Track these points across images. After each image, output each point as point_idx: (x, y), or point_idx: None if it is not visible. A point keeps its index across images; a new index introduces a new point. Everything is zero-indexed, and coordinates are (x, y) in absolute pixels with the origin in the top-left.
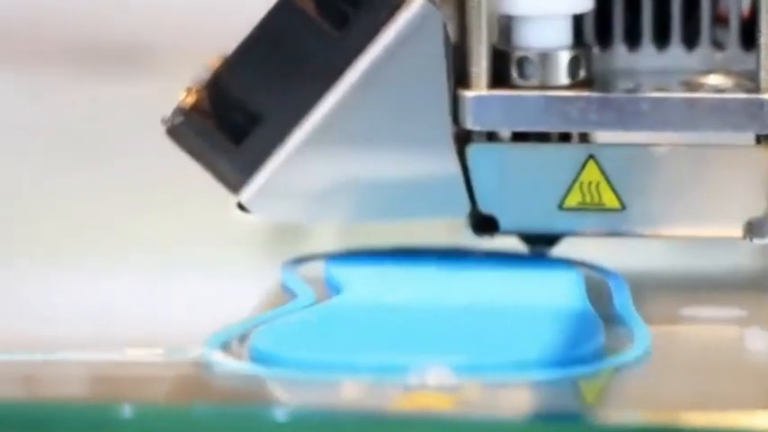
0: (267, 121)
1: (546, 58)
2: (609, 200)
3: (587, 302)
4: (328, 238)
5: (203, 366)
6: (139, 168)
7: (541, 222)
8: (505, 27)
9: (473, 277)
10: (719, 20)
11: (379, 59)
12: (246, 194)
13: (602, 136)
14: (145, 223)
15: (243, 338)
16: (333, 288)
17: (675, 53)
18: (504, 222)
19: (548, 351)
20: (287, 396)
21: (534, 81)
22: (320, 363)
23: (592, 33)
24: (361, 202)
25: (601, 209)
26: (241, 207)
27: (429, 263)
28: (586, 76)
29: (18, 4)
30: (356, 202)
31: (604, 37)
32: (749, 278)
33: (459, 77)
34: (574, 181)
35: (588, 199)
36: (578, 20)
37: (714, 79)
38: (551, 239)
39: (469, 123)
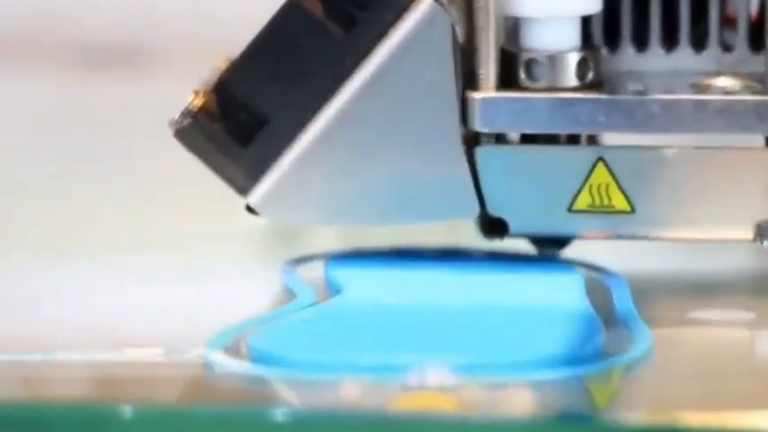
0: (275, 124)
1: (554, 59)
2: (618, 202)
3: (587, 303)
4: (328, 238)
5: (203, 366)
6: (139, 168)
7: (551, 225)
8: (513, 28)
9: (473, 277)
10: (728, 21)
11: (387, 61)
12: (255, 197)
13: (610, 138)
14: (145, 223)
15: (243, 338)
16: (333, 288)
17: (684, 55)
18: (513, 225)
19: (548, 351)
20: (287, 396)
21: (543, 83)
22: (320, 363)
23: (600, 35)
24: (368, 205)
25: (610, 211)
26: (249, 209)
27: (429, 263)
28: (595, 77)
29: (18, 4)
30: (364, 204)
31: (613, 39)
32: (753, 280)
33: (468, 79)
34: (583, 183)
35: (598, 201)
36: (586, 21)
37: (722, 81)
38: (561, 242)
39: (478, 125)
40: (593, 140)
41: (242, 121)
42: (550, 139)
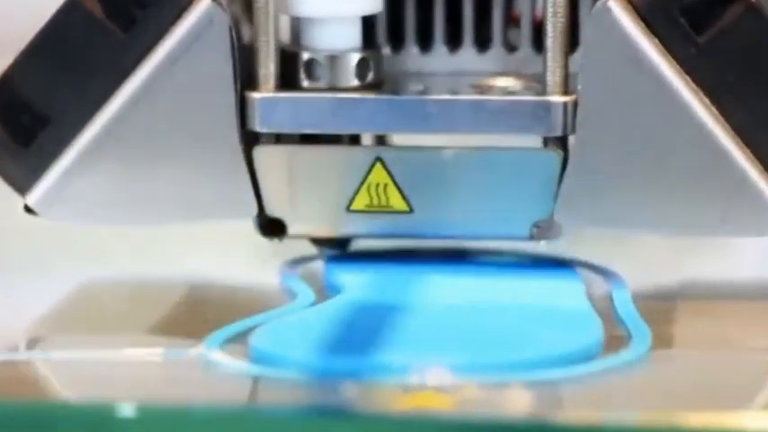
0: (55, 123)
1: (334, 59)
2: (396, 202)
3: (587, 302)
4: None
5: (203, 366)
6: None
7: (329, 225)
8: (295, 28)
9: (473, 278)
10: (512, 22)
11: (166, 60)
12: (33, 196)
13: (398, 139)
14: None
15: (243, 338)
16: (333, 288)
17: (468, 55)
18: (291, 225)
19: (548, 351)
20: (287, 396)
21: (323, 83)
22: (320, 363)
23: (384, 35)
24: (148, 205)
25: (389, 211)
26: (28, 209)
27: (428, 264)
28: (376, 77)
29: (18, 4)
30: (144, 204)
31: (397, 39)
32: (754, 280)
33: (248, 79)
34: (361, 183)
35: (376, 201)
36: (369, 21)
37: (504, 81)
38: (341, 242)
39: (257, 125)
40: (381, 141)
41: (23, 121)
42: (332, 140)
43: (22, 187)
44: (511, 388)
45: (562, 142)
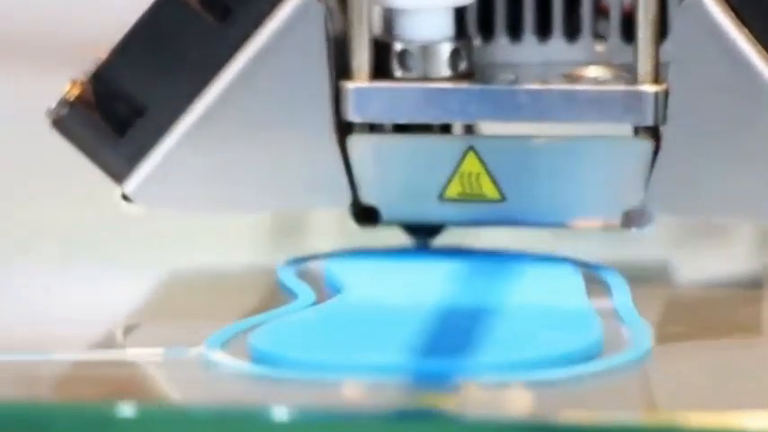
0: (151, 113)
1: (427, 50)
2: (489, 190)
3: (587, 301)
4: (328, 238)
5: (203, 366)
6: None
7: (422, 213)
8: (388, 19)
9: (473, 277)
10: (601, 12)
11: (261, 51)
12: (130, 185)
13: (487, 128)
14: (145, 221)
15: (243, 338)
16: (333, 288)
17: (557, 45)
18: (385, 213)
19: (548, 351)
20: (287, 396)
21: (415, 73)
22: (320, 363)
23: (474, 26)
24: (242, 193)
25: (481, 199)
26: (125, 197)
27: (429, 263)
28: (467, 68)
29: (18, 4)
30: (237, 192)
31: (487, 29)
32: (754, 279)
33: (342, 69)
34: (454, 172)
35: (468, 190)
36: (460, 12)
37: (594, 71)
38: (433, 230)
39: (351, 115)
40: (469, 130)
41: (119, 111)
42: (424, 129)
43: (118, 176)
44: (511, 388)
45: (653, 131)
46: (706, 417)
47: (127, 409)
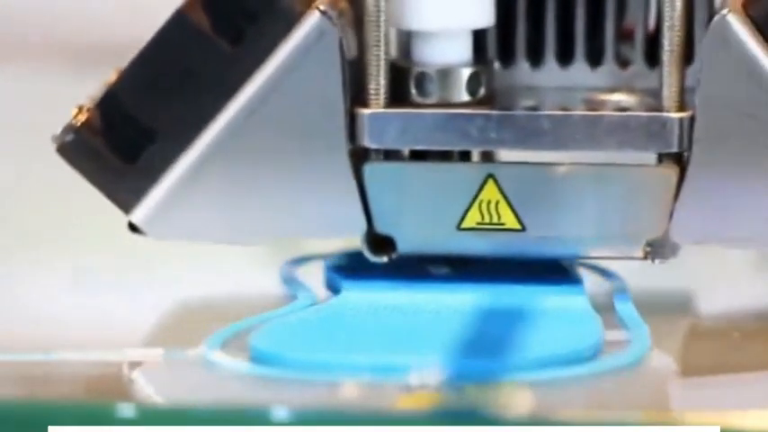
0: (161, 139)
1: (445, 74)
2: (509, 220)
3: (587, 302)
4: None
5: (203, 366)
6: None
7: (439, 243)
8: (405, 43)
9: (473, 278)
10: (625, 36)
11: (275, 76)
12: (138, 215)
13: (507, 155)
14: None
15: (243, 338)
16: (333, 288)
17: (579, 70)
18: (401, 243)
19: (548, 351)
20: (287, 396)
21: (433, 98)
22: (320, 363)
23: (494, 49)
24: (254, 222)
25: (500, 229)
26: (133, 228)
27: (428, 263)
28: (487, 93)
29: (17, 4)
30: (250, 221)
31: (507, 53)
32: (755, 279)
33: (357, 94)
34: (472, 200)
35: (487, 219)
36: (480, 36)
37: (617, 97)
38: (451, 260)
39: (366, 141)
40: (488, 157)
41: (128, 137)
42: (442, 156)
43: (126, 205)
44: (511, 388)
45: (677, 159)
46: (706, 417)
47: (127, 409)
